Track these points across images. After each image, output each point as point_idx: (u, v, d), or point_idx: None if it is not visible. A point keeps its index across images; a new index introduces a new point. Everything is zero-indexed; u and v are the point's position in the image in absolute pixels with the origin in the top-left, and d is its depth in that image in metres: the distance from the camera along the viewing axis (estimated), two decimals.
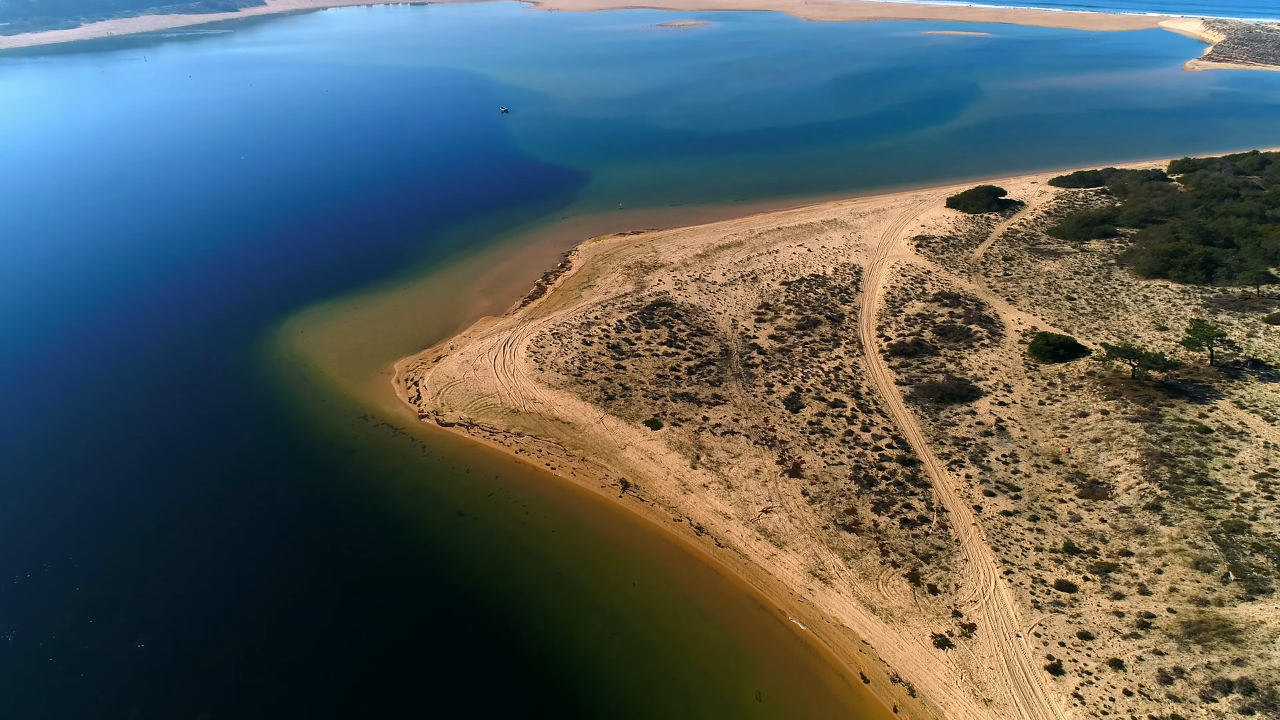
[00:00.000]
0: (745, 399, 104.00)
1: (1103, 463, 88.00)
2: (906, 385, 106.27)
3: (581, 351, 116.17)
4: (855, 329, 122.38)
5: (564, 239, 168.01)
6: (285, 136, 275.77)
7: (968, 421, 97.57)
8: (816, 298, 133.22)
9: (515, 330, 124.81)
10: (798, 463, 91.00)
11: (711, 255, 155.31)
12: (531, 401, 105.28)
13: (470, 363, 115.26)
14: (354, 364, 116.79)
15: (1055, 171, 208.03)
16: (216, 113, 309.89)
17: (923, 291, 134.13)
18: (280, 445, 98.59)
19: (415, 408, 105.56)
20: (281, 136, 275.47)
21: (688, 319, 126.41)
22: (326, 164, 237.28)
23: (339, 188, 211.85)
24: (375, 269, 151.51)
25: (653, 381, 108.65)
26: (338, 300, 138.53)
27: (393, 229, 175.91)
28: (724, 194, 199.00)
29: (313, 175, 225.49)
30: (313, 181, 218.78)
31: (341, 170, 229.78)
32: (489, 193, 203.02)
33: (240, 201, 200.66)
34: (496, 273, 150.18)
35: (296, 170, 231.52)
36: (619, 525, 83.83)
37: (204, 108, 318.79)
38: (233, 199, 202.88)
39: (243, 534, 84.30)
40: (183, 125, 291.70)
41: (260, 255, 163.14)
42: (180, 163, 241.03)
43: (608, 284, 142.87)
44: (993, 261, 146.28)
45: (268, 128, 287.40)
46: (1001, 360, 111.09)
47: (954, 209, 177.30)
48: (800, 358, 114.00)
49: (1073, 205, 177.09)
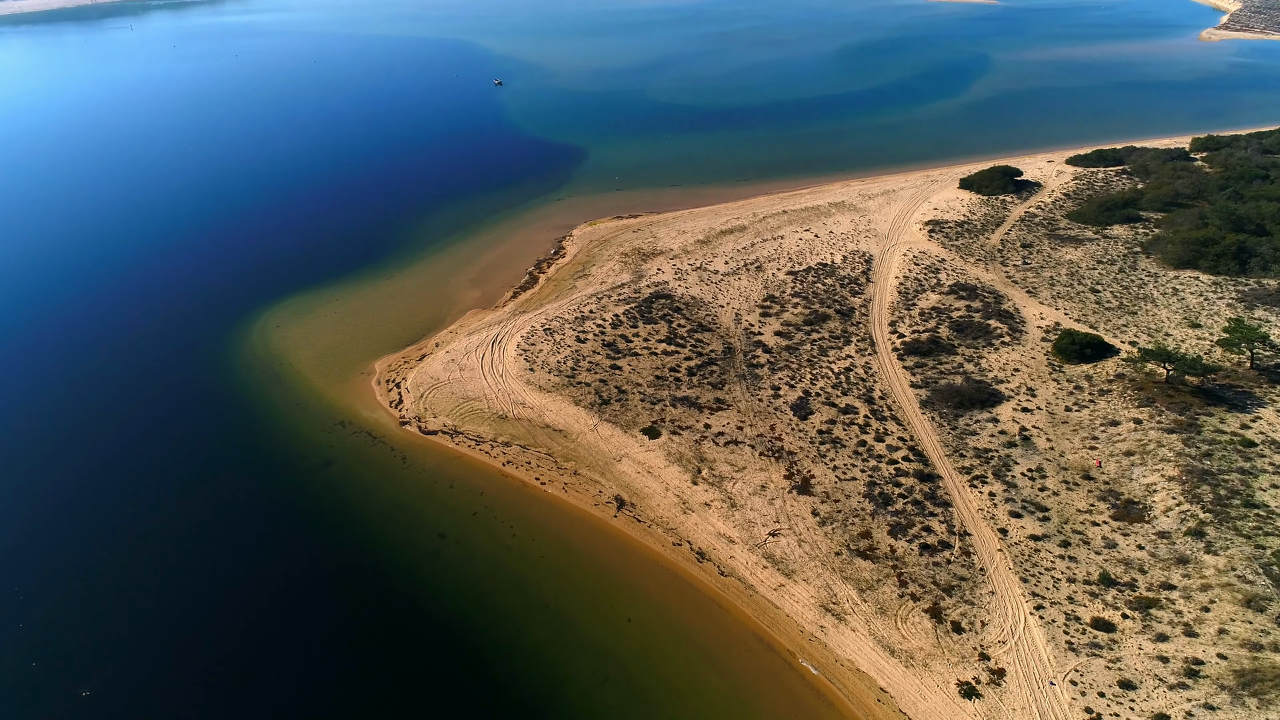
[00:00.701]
0: (750, 404, 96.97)
1: (1137, 479, 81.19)
2: (923, 388, 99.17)
3: (575, 350, 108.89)
4: (866, 324, 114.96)
5: (558, 223, 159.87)
6: (269, 111, 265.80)
7: (989, 430, 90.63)
8: (825, 289, 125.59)
9: (505, 325, 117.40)
10: (807, 477, 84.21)
11: (713, 241, 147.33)
12: (521, 406, 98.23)
13: (456, 362, 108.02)
14: (333, 363, 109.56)
15: (1072, 149, 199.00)
16: (199, 86, 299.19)
17: (937, 282, 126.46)
18: (250, 458, 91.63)
19: (396, 413, 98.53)
20: (265, 111, 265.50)
21: (688, 313, 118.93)
22: (311, 141, 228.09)
23: (324, 167, 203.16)
24: (359, 256, 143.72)
25: (651, 384, 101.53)
26: (318, 291, 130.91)
27: (379, 211, 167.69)
28: (726, 173, 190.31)
29: (296, 153, 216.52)
30: (296, 160, 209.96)
31: (327, 147, 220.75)
32: (481, 171, 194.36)
33: (217, 183, 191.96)
34: (487, 260, 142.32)
35: (279, 148, 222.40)
36: (613, 550, 77.22)
37: (186, 80, 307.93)
38: (210, 180, 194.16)
39: (203, 561, 77.71)
40: (163, 100, 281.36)
41: (237, 241, 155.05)
42: (156, 141, 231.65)
43: (603, 273, 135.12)
44: (1010, 249, 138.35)
45: (251, 102, 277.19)
46: (1024, 360, 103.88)
47: (968, 190, 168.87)
48: (808, 357, 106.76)
49: (1092, 187, 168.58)
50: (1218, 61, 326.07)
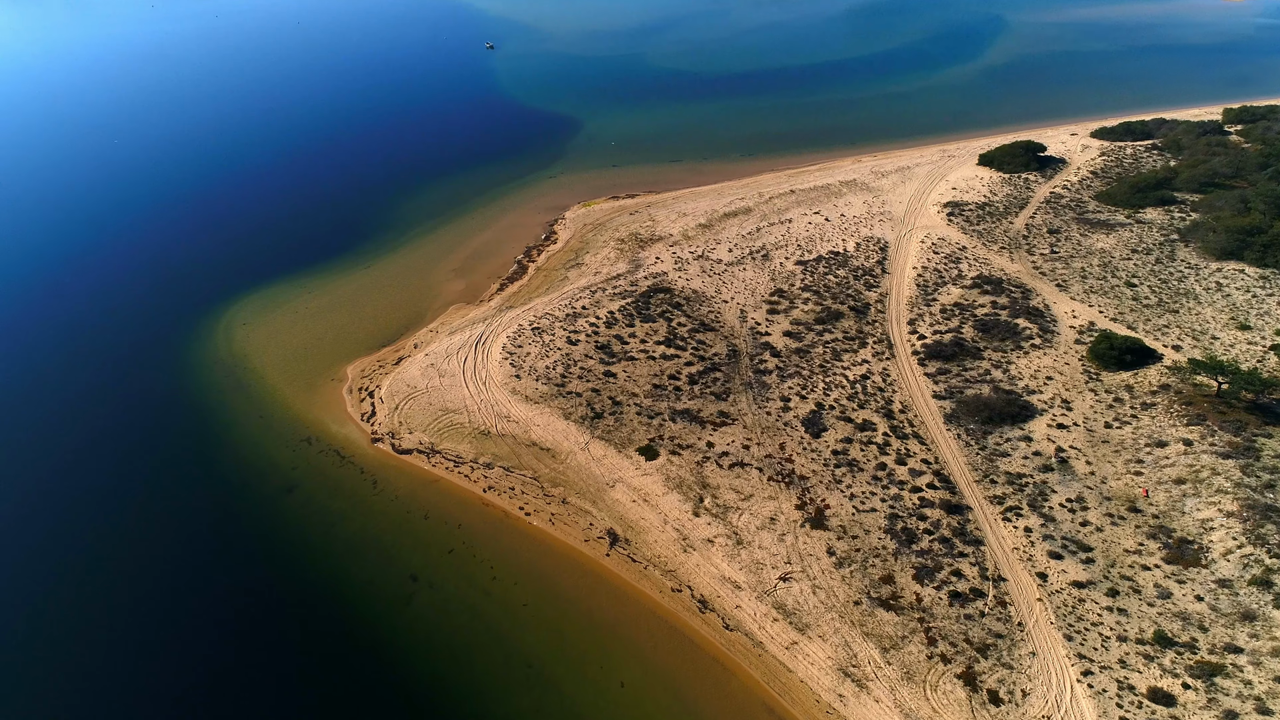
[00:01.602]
0: (757, 418, 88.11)
1: (1190, 513, 72.68)
2: (946, 399, 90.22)
3: (565, 353, 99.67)
4: (883, 323, 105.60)
5: (550, 203, 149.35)
6: (245, 77, 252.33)
7: (1022, 450, 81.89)
8: (837, 281, 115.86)
9: (490, 322, 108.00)
10: (821, 508, 75.70)
11: (716, 225, 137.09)
12: (505, 420, 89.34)
13: (436, 366, 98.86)
14: (301, 366, 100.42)
15: (1096, 120, 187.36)
16: (172, 49, 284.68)
17: (959, 274, 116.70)
18: (205, 482, 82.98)
19: (368, 427, 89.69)
20: (241, 77, 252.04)
21: (689, 309, 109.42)
22: (288, 111, 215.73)
23: (301, 140, 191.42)
24: (336, 241, 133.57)
25: (648, 393, 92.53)
26: (290, 281, 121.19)
27: (358, 191, 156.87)
28: (729, 147, 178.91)
29: (271, 124, 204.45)
30: (271, 132, 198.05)
31: (305, 119, 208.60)
32: (470, 145, 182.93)
33: (183, 158, 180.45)
34: (472, 247, 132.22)
35: (253, 119, 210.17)
36: (605, 596, 68.94)
37: (161, 43, 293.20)
38: (175, 155, 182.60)
39: (144, 606, 69.49)
40: (133, 64, 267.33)
41: (204, 223, 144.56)
42: (118, 110, 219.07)
43: (598, 262, 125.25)
44: (1036, 235, 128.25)
45: (227, 67, 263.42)
46: (1057, 366, 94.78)
47: (987, 167, 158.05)
48: (821, 361, 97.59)
49: (1121, 164, 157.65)
50: (1243, 23, 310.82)
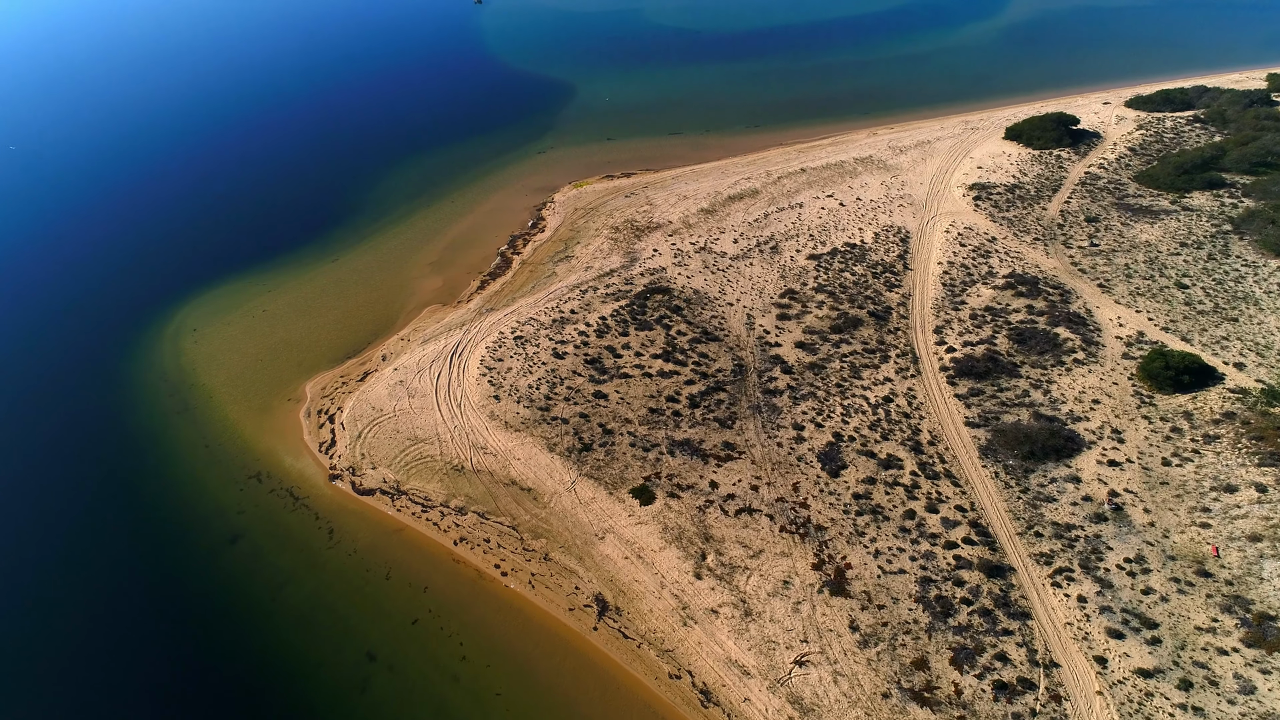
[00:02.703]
0: (767, 451, 77.70)
1: (1271, 580, 62.77)
2: (981, 427, 79.73)
3: (550, 369, 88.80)
4: (907, 331, 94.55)
5: (539, 183, 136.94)
6: (195, 38, 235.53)
7: (1070, 494, 71.67)
8: (854, 280, 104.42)
9: (468, 328, 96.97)
10: (841, 568, 65.79)
11: (720, 210, 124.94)
12: (481, 452, 78.94)
13: (405, 384, 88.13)
14: (256, 383, 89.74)
15: (1130, 86, 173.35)
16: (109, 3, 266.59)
17: (989, 270, 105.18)
18: (137, 529, 72.94)
19: (327, 460, 79.35)
20: (191, 38, 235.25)
21: (690, 314, 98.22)
22: (247, 76, 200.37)
23: (261, 112, 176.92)
24: (299, 230, 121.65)
25: (643, 419, 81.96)
26: (248, 278, 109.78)
27: (327, 170, 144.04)
28: (733, 118, 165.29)
29: (227, 94, 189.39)
30: (227, 103, 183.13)
31: (266, 85, 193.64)
32: (452, 115, 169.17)
33: (126, 135, 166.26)
34: (451, 235, 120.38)
35: (207, 87, 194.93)
36: (592, 684, 59.38)
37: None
38: (116, 132, 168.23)
39: (62, 682, 59.92)
40: (79, 18, 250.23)
41: (149, 213, 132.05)
42: (55, 77, 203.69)
43: (589, 254, 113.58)
44: (1073, 224, 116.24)
45: (171, 26, 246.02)
46: (1104, 386, 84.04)
47: (1015, 142, 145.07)
48: (838, 380, 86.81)
49: (1161, 139, 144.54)
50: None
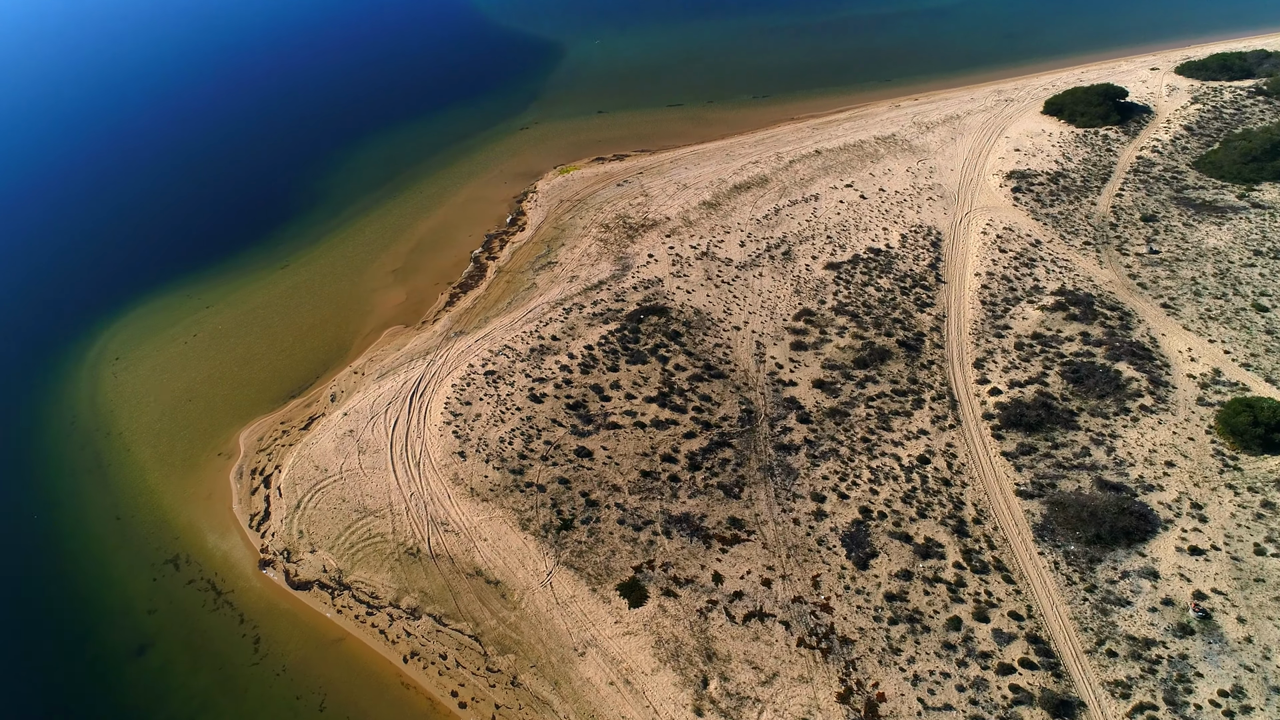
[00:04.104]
0: (781, 529, 65.23)
1: None
2: (1035, 498, 67.12)
3: (526, 416, 75.65)
4: (942, 365, 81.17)
5: (520, 167, 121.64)
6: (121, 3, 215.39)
7: (1146, 595, 59.50)
8: (880, 296, 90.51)
9: (433, 358, 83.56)
10: (873, 700, 53.99)
11: (724, 203, 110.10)
12: (443, 529, 66.43)
13: (355, 434, 75.10)
14: (182, 430, 76.75)
15: (1179, 48, 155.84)
16: None
17: (1035, 284, 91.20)
18: (28, 632, 60.71)
19: (258, 540, 66.86)
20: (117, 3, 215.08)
21: (690, 341, 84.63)
22: (184, 43, 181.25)
23: (202, 85, 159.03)
24: (245, 230, 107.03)
25: (634, 486, 69.26)
26: (184, 289, 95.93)
27: (278, 155, 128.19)
28: (739, 84, 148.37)
29: (161, 63, 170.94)
30: (161, 75, 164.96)
31: (206, 54, 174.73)
32: (423, 84, 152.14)
33: (43, 117, 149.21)
34: (419, 234, 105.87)
35: (138, 54, 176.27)
36: None
37: None
38: (33, 114, 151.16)
39: None
40: None
41: (73, 211, 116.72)
42: None
43: (575, 259, 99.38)
44: (1128, 224, 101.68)
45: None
46: (1177, 443, 71.17)
47: (1055, 118, 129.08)
48: (864, 431, 73.80)
49: (1220, 115, 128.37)
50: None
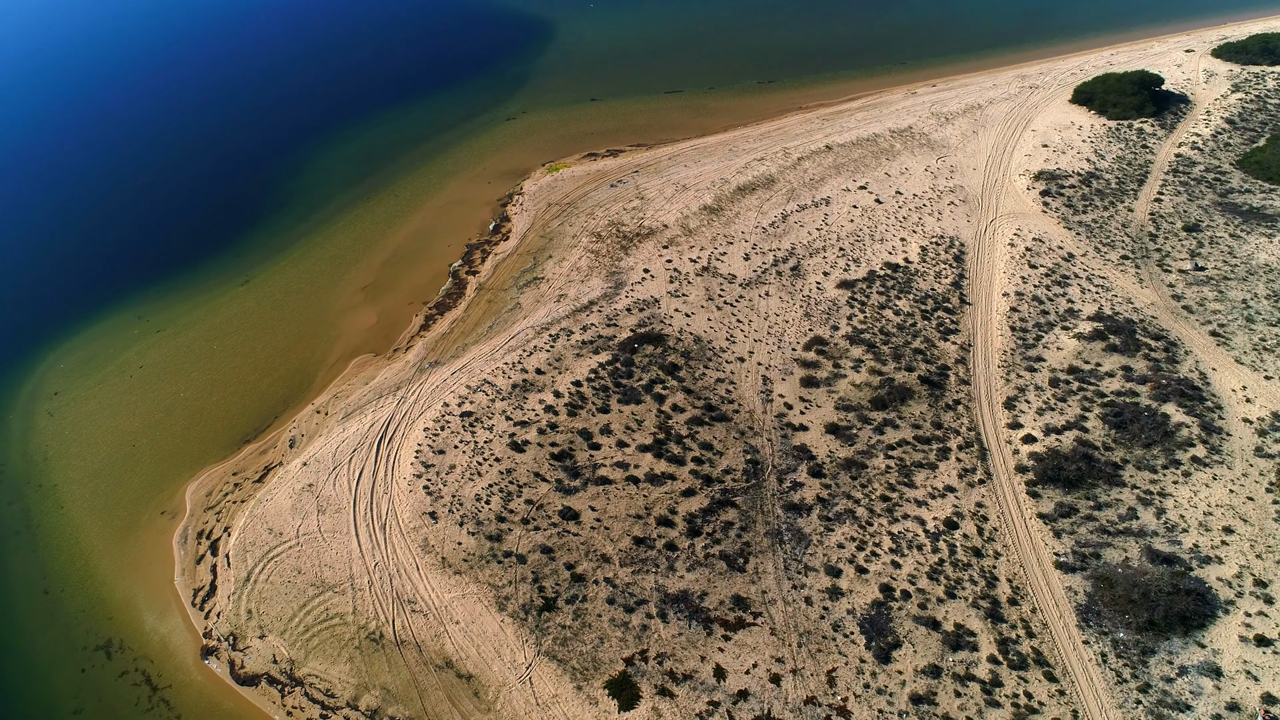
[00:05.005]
0: (791, 612, 57.73)
1: None
2: (1076, 572, 59.57)
3: (506, 469, 67.66)
4: (970, 406, 73.04)
5: (505, 164, 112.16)
6: None
7: (1208, 698, 52.22)
8: (899, 322, 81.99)
9: (404, 394, 75.37)
10: None
11: (727, 207, 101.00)
12: (410, 608, 58.88)
13: (315, 489, 67.17)
14: (122, 483, 68.86)
15: (1214, 25, 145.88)
16: None
17: (1069, 307, 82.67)
18: None
19: (202, 620, 59.29)
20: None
21: (690, 375, 76.30)
22: (134, 30, 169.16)
23: (155, 74, 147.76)
24: (203, 240, 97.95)
25: (626, 556, 61.57)
26: (133, 310, 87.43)
27: (242, 152, 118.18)
28: (743, 67, 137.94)
29: (111, 52, 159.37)
30: (112, 64, 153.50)
31: (158, 37, 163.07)
32: (401, 68, 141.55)
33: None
34: (394, 244, 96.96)
35: (86, 42, 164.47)
36: None
37: None
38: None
39: None
40: None
41: (3, 222, 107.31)
42: None
43: (564, 274, 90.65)
44: (1168, 234, 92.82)
45: None
46: (1235, 503, 63.44)
47: (1084, 108, 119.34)
48: (884, 488, 65.96)
49: (1264, 105, 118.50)
50: None
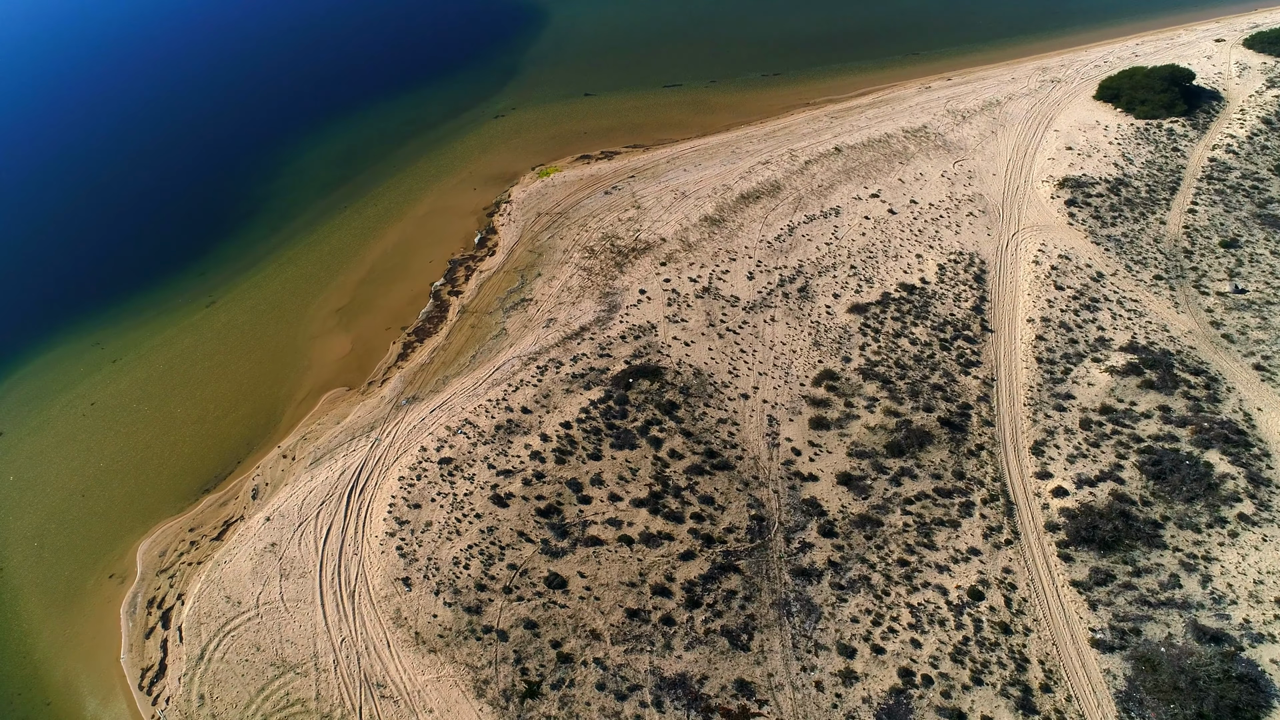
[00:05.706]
0: (801, 700, 52.12)
1: None
2: (1115, 652, 53.90)
3: (488, 527, 61.70)
4: (994, 452, 66.97)
5: (492, 168, 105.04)
6: None
7: None
8: (916, 352, 75.62)
9: (378, 435, 69.26)
10: None
11: (729, 218, 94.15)
12: (379, 695, 53.24)
13: (278, 549, 61.29)
14: (69, 538, 62.97)
15: (1243, 13, 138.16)
16: None
17: (1100, 335, 76.28)
18: None
19: (148, 709, 53.63)
20: None
21: (689, 415, 70.09)
22: (95, 22, 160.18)
23: (114, 68, 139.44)
24: (164, 255, 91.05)
25: (618, 631, 55.81)
26: (89, 336, 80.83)
27: (208, 155, 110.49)
28: (746, 58, 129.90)
29: (71, 46, 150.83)
30: (71, 59, 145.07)
31: (120, 26, 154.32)
32: (382, 60, 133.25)
33: None
34: (371, 259, 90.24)
35: (44, 33, 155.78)
36: None
37: None
38: None
39: None
40: None
41: None
42: None
43: (553, 295, 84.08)
44: (1204, 250, 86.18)
45: None
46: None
47: (1110, 105, 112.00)
48: (901, 549, 60.09)
49: None
50: None
